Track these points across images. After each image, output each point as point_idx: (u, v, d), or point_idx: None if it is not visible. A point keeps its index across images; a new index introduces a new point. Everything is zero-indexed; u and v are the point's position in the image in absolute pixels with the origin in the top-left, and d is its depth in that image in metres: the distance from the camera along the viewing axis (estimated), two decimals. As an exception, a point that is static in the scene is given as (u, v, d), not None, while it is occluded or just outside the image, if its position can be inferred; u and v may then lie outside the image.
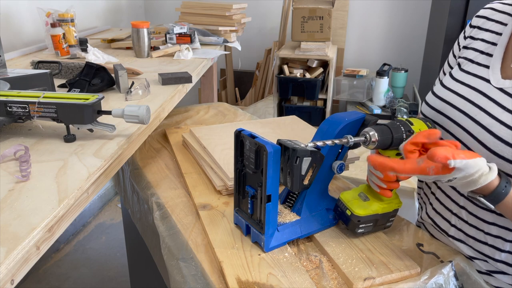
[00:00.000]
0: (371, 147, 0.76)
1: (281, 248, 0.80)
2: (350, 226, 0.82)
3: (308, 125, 1.33)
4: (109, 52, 1.85)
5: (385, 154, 0.79)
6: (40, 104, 0.91)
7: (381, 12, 3.11)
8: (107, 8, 2.83)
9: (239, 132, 0.80)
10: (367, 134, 0.75)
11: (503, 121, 0.76)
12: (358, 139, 0.76)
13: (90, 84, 1.27)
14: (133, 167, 1.20)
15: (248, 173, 0.81)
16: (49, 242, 0.67)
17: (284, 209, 0.85)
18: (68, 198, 0.72)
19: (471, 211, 0.84)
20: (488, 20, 0.88)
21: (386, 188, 0.80)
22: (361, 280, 0.72)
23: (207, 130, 1.24)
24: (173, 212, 0.95)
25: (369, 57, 3.22)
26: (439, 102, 0.88)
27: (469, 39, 0.91)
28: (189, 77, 1.46)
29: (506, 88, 0.78)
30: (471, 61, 0.88)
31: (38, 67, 1.48)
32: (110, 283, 2.15)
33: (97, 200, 2.76)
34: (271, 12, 3.24)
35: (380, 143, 0.75)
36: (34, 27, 2.08)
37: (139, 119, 0.94)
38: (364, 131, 0.76)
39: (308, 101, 2.87)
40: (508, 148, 0.74)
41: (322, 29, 2.67)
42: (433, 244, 0.86)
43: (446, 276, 0.75)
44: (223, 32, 2.30)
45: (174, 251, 0.83)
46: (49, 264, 2.25)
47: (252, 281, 0.72)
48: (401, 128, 0.76)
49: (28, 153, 0.85)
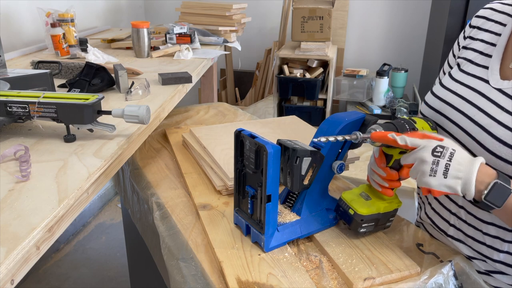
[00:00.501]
0: (378, 144, 0.77)
1: (281, 248, 0.80)
2: (353, 225, 0.82)
3: (308, 125, 1.33)
4: (109, 52, 1.85)
5: (389, 152, 0.80)
6: (40, 104, 0.91)
7: (381, 12, 3.11)
8: (107, 8, 2.83)
9: (239, 132, 0.80)
10: (373, 131, 0.76)
11: (501, 122, 0.76)
12: (366, 136, 0.76)
13: (90, 84, 1.27)
14: (133, 167, 1.20)
15: (248, 173, 0.81)
16: (49, 242, 0.67)
17: (284, 209, 0.85)
18: (68, 198, 0.72)
19: (469, 211, 0.84)
20: (487, 20, 0.88)
21: (388, 187, 0.80)
22: (361, 280, 0.72)
23: (207, 130, 1.24)
24: (173, 212, 0.95)
25: (369, 57, 3.22)
26: (438, 102, 0.88)
27: (468, 39, 0.91)
28: (189, 77, 1.46)
29: (504, 89, 0.78)
30: (470, 61, 0.88)
31: (38, 67, 1.48)
32: (110, 283, 2.15)
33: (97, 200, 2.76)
34: (271, 12, 3.24)
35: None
36: (34, 27, 2.08)
37: (139, 119, 0.94)
38: (371, 128, 0.77)
39: (308, 101, 2.87)
40: (506, 148, 0.74)
41: (322, 29, 2.67)
42: (433, 244, 0.86)
43: (446, 276, 0.75)
44: (223, 32, 2.30)
45: (174, 251, 0.83)
46: (49, 264, 2.25)
47: (252, 281, 0.72)
48: (406, 126, 0.78)
49: (28, 153, 0.85)
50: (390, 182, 0.79)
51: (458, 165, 0.68)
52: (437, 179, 0.69)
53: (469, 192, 0.68)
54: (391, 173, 0.79)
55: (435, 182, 0.69)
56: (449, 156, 0.69)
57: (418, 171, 0.71)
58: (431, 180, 0.69)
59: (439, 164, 0.69)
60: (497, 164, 0.74)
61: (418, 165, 0.71)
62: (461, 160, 0.69)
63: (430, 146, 0.70)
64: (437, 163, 0.69)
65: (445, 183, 0.69)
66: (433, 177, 0.69)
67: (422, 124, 0.80)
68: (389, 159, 0.80)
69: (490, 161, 0.75)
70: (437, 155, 0.69)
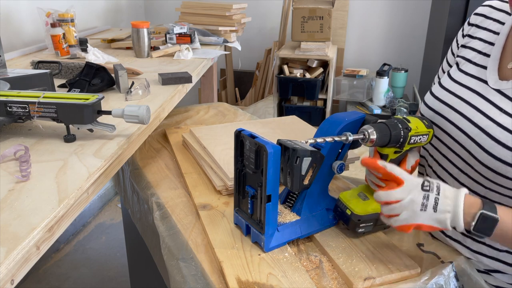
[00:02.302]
0: (370, 144, 0.77)
1: (281, 248, 0.80)
2: (351, 225, 0.82)
3: (308, 125, 1.33)
4: (109, 52, 1.85)
5: (383, 151, 0.80)
6: (40, 104, 0.91)
7: (381, 12, 3.11)
8: (107, 8, 2.83)
9: (239, 132, 0.80)
10: (365, 131, 0.76)
11: (500, 123, 0.75)
12: (357, 137, 0.76)
13: (90, 84, 1.27)
14: (133, 167, 1.20)
15: (248, 173, 0.81)
16: (49, 242, 0.67)
17: (284, 209, 0.85)
18: (68, 198, 0.72)
19: None
20: (486, 18, 0.88)
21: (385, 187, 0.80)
22: (361, 280, 0.72)
23: (207, 130, 1.24)
24: (173, 212, 0.95)
25: (369, 57, 3.22)
26: (438, 103, 0.88)
27: (467, 37, 0.90)
28: (189, 77, 1.46)
29: (503, 90, 0.78)
30: (469, 61, 0.87)
31: (38, 67, 1.48)
32: (110, 283, 2.15)
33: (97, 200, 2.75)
34: (271, 12, 3.24)
35: (379, 140, 0.76)
36: (34, 27, 2.08)
37: (139, 119, 0.94)
38: (363, 129, 0.77)
39: (308, 101, 2.87)
40: (505, 150, 0.73)
41: (322, 29, 2.67)
42: (433, 244, 0.86)
43: (447, 277, 0.75)
44: (223, 32, 2.30)
45: (174, 251, 0.83)
46: (49, 264, 2.25)
47: (252, 281, 0.72)
48: (399, 125, 0.77)
49: (28, 153, 0.85)
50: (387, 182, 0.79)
51: (445, 198, 0.69)
52: (428, 213, 0.69)
53: (458, 224, 0.69)
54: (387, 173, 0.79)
55: (425, 216, 0.69)
56: (437, 190, 0.69)
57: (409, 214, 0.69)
58: (422, 215, 0.69)
59: (429, 199, 0.69)
60: (496, 165, 0.74)
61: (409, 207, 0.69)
62: (447, 193, 0.69)
63: (418, 182, 0.70)
64: (427, 197, 0.69)
65: (435, 217, 0.69)
66: (424, 211, 0.69)
67: (417, 123, 0.80)
68: (384, 159, 0.80)
69: (489, 163, 0.75)
70: (426, 189, 0.69)
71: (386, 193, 0.71)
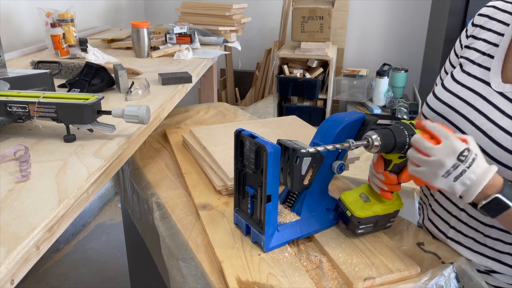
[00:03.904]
0: (374, 151, 0.74)
1: (281, 248, 0.80)
2: (350, 226, 0.82)
3: (308, 125, 1.33)
4: (109, 52, 1.85)
5: (387, 156, 0.78)
6: (40, 104, 0.91)
7: (381, 12, 3.11)
8: (107, 8, 2.83)
9: (239, 132, 0.80)
10: (369, 138, 0.74)
11: (502, 127, 0.75)
12: (361, 143, 0.74)
13: (90, 84, 1.27)
14: (133, 167, 1.20)
15: (248, 173, 0.81)
16: (49, 242, 0.67)
17: (284, 209, 0.85)
18: (68, 198, 0.72)
19: (471, 214, 0.83)
20: (490, 19, 0.87)
21: (387, 190, 0.80)
22: (361, 280, 0.72)
23: (207, 130, 1.24)
24: (173, 212, 0.95)
25: (369, 57, 3.22)
26: (440, 105, 0.87)
27: (471, 38, 0.89)
28: (189, 77, 1.46)
29: (506, 93, 0.77)
30: (472, 62, 0.86)
31: (38, 67, 1.48)
32: (110, 283, 2.15)
33: (97, 200, 2.75)
34: (271, 12, 3.24)
35: (383, 147, 0.74)
36: (34, 27, 2.08)
37: (139, 119, 0.94)
38: (367, 135, 0.74)
39: (308, 101, 2.87)
40: (506, 154, 0.73)
41: (322, 29, 2.67)
42: (434, 244, 0.86)
43: (447, 278, 0.75)
44: (223, 32, 2.30)
45: (174, 251, 0.83)
46: (49, 264, 2.25)
47: (252, 281, 0.72)
48: (405, 131, 0.75)
49: (28, 153, 0.85)
50: (390, 186, 0.79)
51: (472, 173, 0.67)
52: (447, 180, 0.67)
53: (468, 199, 0.68)
54: (390, 177, 0.78)
55: (443, 181, 0.68)
56: (470, 163, 0.66)
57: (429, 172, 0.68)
58: (441, 180, 0.68)
59: (457, 168, 0.67)
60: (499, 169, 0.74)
61: (433, 167, 0.68)
62: (477, 170, 0.67)
63: (458, 149, 0.67)
64: (456, 167, 0.66)
65: (451, 184, 0.68)
66: (444, 178, 0.67)
67: None
68: (388, 164, 0.79)
69: None
70: (461, 159, 0.66)
71: (422, 140, 0.69)
